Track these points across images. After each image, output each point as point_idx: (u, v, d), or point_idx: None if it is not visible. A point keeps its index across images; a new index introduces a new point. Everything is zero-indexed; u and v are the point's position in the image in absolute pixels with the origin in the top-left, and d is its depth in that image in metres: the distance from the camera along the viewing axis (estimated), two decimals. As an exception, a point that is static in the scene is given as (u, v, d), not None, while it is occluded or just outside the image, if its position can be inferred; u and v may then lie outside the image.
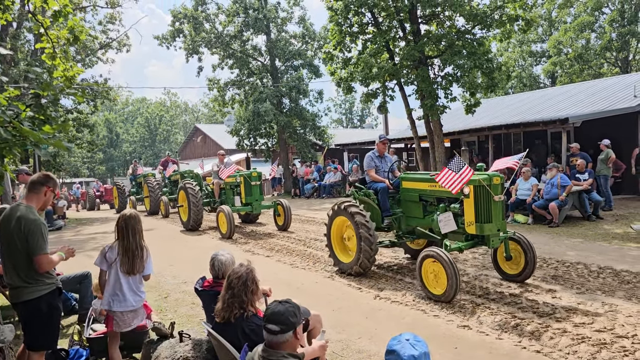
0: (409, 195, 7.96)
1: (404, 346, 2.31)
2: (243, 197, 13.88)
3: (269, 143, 30.34)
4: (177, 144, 70.99)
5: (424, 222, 7.79)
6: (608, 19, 38.60)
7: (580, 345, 4.91)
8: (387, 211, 8.11)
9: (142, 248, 4.68)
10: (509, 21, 16.32)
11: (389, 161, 8.85)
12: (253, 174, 13.83)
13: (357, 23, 17.90)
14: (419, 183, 7.77)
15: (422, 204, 7.80)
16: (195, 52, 28.86)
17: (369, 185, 8.55)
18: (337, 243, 8.48)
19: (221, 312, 3.67)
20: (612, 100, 17.88)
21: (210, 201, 15.55)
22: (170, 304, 7.22)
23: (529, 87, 43.48)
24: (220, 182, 15.10)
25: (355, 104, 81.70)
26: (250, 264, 3.91)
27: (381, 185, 8.21)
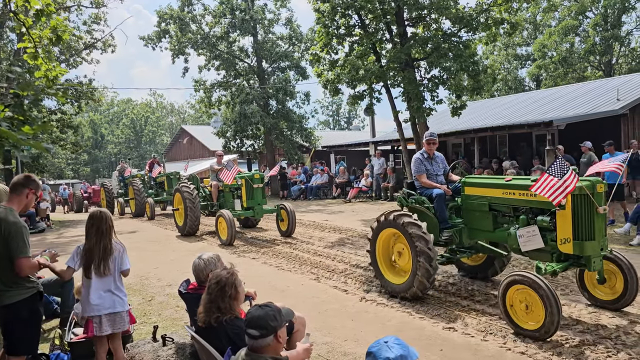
0: (475, 203, 6.59)
1: (381, 348, 2.30)
2: (244, 200, 12.98)
3: (255, 145, 30.23)
4: (163, 145, 70.50)
5: (493, 236, 6.53)
6: (592, 23, 39.11)
7: (564, 346, 4.93)
8: (445, 222, 6.80)
9: (105, 248, 4.44)
10: (495, 24, 16.47)
11: (441, 161, 7.55)
12: (255, 176, 13.01)
13: (343, 25, 17.91)
14: (489, 189, 6.39)
15: (492, 215, 6.44)
16: (181, 53, 28.69)
17: (421, 190, 7.31)
18: (384, 261, 7.08)
19: (202, 316, 3.63)
20: (596, 103, 18.10)
21: (207, 204, 14.57)
22: (154, 307, 7.14)
23: (515, 90, 43.86)
24: (218, 184, 14.08)
25: (342, 105, 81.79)
26: (233, 267, 3.87)
27: (437, 192, 6.91)
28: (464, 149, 22.44)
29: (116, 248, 4.53)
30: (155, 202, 19.21)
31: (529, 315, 5.18)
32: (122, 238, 4.74)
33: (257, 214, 12.98)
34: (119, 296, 4.49)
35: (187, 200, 13.31)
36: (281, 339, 2.88)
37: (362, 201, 20.56)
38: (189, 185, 13.81)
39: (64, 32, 8.29)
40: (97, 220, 4.48)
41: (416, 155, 7.41)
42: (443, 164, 7.49)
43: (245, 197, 12.95)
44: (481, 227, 6.61)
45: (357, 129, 62.10)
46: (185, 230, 13.57)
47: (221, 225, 12.08)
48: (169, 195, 19.34)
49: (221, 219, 12.03)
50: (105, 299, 4.42)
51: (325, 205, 20.06)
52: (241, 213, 13.04)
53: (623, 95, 17.35)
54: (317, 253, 10.47)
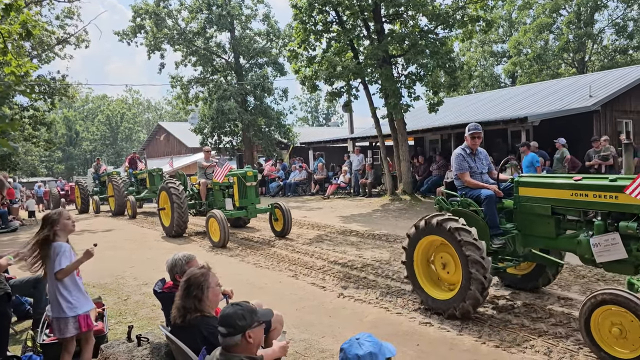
0: (533, 206, 5.68)
1: (352, 345, 2.32)
2: (237, 199, 12.11)
3: (233, 141, 30.05)
4: (139, 142, 69.63)
5: (555, 244, 5.64)
6: (565, 20, 39.77)
7: (537, 340, 5.02)
8: (496, 227, 5.93)
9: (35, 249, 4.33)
10: (471, 21, 16.65)
11: (485, 158, 6.65)
12: (248, 174, 12.13)
13: (321, 21, 17.90)
14: (553, 190, 5.50)
15: (554, 219, 5.54)
16: (157, 49, 28.36)
17: (465, 191, 6.37)
18: (423, 272, 6.14)
19: (177, 315, 3.62)
20: (569, 100, 18.41)
21: (195, 203, 13.73)
22: (130, 306, 7.05)
23: (491, 86, 44.38)
24: (207, 182, 13.28)
25: (320, 102, 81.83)
26: (209, 266, 3.85)
27: (487, 193, 6.00)
28: (441, 145, 22.63)
29: (54, 250, 4.32)
30: (136, 200, 18.75)
31: (622, 341, 4.28)
32: (96, 237, 4.68)
33: (251, 213, 12.19)
34: (66, 300, 4.34)
35: (174, 198, 12.54)
36: (251, 340, 2.86)
37: (341, 197, 20.60)
38: (175, 182, 13.09)
39: (34, 27, 8.10)
40: (43, 221, 4.43)
41: (457, 151, 6.52)
42: (487, 161, 6.64)
43: (237, 195, 12.11)
44: (540, 234, 5.70)
45: (336, 125, 62.15)
46: (173, 231, 12.79)
47: (212, 226, 11.31)
48: (151, 193, 18.98)
49: (212, 220, 11.25)
50: (53, 303, 4.36)
51: (304, 201, 20.04)
52: (234, 213, 12.13)
53: (595, 92, 17.68)
54: (295, 250, 10.46)
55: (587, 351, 4.63)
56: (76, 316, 4.37)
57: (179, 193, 12.63)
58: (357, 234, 11.99)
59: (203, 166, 13.53)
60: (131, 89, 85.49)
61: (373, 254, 9.50)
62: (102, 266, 9.53)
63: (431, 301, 5.98)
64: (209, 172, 13.25)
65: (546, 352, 4.74)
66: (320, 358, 4.90)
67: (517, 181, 5.87)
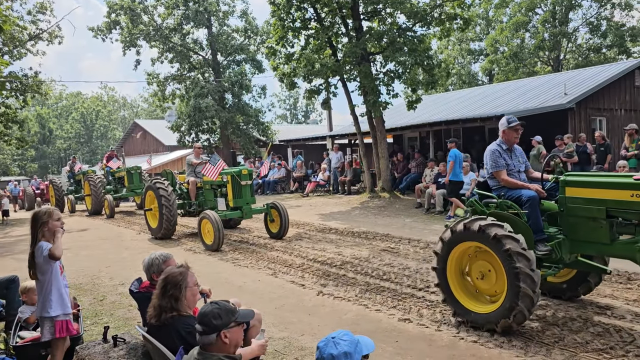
0: (585, 209, 5.13)
1: (327, 344, 2.29)
2: (231, 199, 11.35)
3: (211, 139, 29.81)
4: (115, 140, 68.61)
5: (610, 250, 5.14)
6: (541, 19, 40.34)
7: (516, 334, 5.06)
8: (541, 232, 5.29)
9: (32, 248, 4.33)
10: (448, 19, 16.76)
11: (521, 155, 5.98)
12: (243, 172, 11.33)
13: (299, 18, 17.83)
14: (609, 191, 4.96)
15: (609, 223, 5.00)
16: (132, 45, 27.98)
17: (504, 192, 5.68)
18: (458, 282, 5.56)
19: (154, 314, 3.56)
20: (545, 97, 18.67)
21: (184, 203, 12.92)
22: (106, 307, 6.93)
23: (468, 84, 44.81)
24: (197, 180, 12.59)
25: (299, 99, 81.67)
26: (188, 264, 3.79)
27: (529, 194, 5.36)
28: (420, 142, 22.75)
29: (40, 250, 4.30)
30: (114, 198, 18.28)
31: None
32: (72, 237, 4.58)
33: (246, 214, 11.41)
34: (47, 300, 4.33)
35: (162, 199, 11.71)
36: (227, 339, 2.82)
37: (320, 195, 20.58)
38: (163, 181, 12.33)
39: (5, 22, 7.89)
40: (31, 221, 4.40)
41: (492, 147, 5.87)
42: (523, 158, 5.98)
43: (231, 195, 11.33)
44: (591, 239, 5.16)
45: (315, 123, 62.21)
46: (161, 232, 12.00)
47: (205, 227, 10.60)
48: (129, 191, 18.66)
49: (206, 221, 10.54)
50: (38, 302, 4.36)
51: (283, 199, 19.97)
52: (228, 214, 11.33)
53: (570, 90, 17.96)
54: (274, 248, 10.42)
55: None
56: (52, 319, 4.31)
57: (168, 193, 11.87)
58: (336, 231, 11.99)
59: (193, 163, 12.78)
60: (106, 86, 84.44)
61: (352, 252, 9.51)
62: (77, 266, 9.36)
63: (466, 313, 5.36)
64: (199, 170, 12.50)
65: (523, 347, 4.79)
66: (300, 356, 4.88)
67: (564, 181, 5.30)
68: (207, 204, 12.28)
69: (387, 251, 9.45)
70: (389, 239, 10.64)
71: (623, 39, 38.37)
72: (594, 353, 4.58)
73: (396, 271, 7.83)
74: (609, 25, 39.25)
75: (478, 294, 5.52)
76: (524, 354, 4.65)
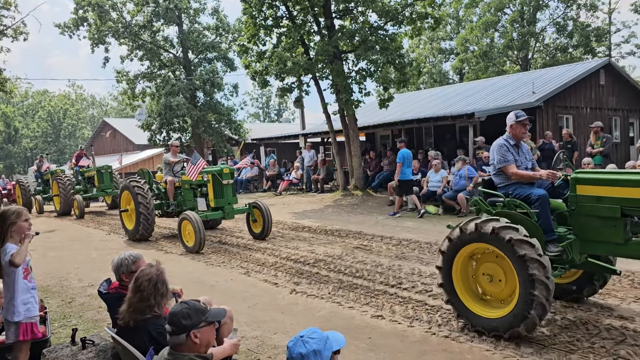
0: (597, 207, 4.89)
1: (296, 343, 2.29)
2: (211, 199, 10.86)
3: (182, 138, 29.46)
4: (84, 139, 67.24)
5: (626, 251, 4.85)
6: (509, 19, 41.07)
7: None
8: (551, 232, 5.05)
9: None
10: (419, 18, 16.92)
11: (527, 152, 5.78)
12: (225, 171, 10.88)
13: (271, 16, 17.76)
14: (625, 188, 4.71)
15: (623, 222, 4.77)
16: (101, 42, 27.45)
17: (512, 190, 5.42)
18: (463, 285, 5.26)
19: (126, 315, 3.48)
20: (514, 96, 19.01)
21: (161, 204, 12.37)
22: (74, 309, 6.78)
23: (439, 82, 45.32)
24: (174, 180, 12.06)
25: (272, 98, 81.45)
26: (160, 264, 3.74)
27: (539, 192, 5.14)
28: (392, 140, 22.91)
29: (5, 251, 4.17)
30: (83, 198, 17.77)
31: None
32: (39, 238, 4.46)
33: (228, 214, 10.94)
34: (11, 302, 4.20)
35: (139, 199, 11.26)
36: (197, 339, 2.79)
37: (293, 194, 20.56)
38: (139, 181, 11.82)
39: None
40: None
41: (499, 142, 5.64)
42: (530, 155, 5.80)
43: (212, 195, 10.86)
44: (604, 239, 4.93)
45: (288, 121, 62.12)
46: (138, 234, 11.54)
47: (186, 229, 10.19)
48: (99, 191, 18.24)
49: (186, 223, 10.11)
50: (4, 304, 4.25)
51: (256, 198, 19.81)
52: (209, 215, 10.87)
53: (538, 89, 18.34)
54: (247, 247, 10.36)
55: (532, 338, 4.75)
56: (17, 322, 4.19)
57: (145, 193, 11.41)
58: (309, 229, 11.98)
59: (170, 162, 12.23)
60: (74, 84, 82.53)
61: (325, 250, 9.52)
62: (45, 268, 9.14)
63: (471, 317, 5.11)
64: (177, 169, 12.17)
65: (493, 341, 4.86)
66: (273, 354, 4.86)
67: (575, 178, 5.04)
68: (186, 204, 11.89)
69: (360, 249, 9.49)
70: (361, 236, 10.69)
71: (588, 39, 39.38)
72: (561, 345, 4.68)
73: (369, 268, 7.87)
74: (575, 26, 40.22)
75: (484, 296, 5.24)
76: (494, 347, 4.72)
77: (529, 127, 5.73)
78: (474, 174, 12.79)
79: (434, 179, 13.49)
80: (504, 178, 5.51)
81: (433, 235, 10.26)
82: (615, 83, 20.68)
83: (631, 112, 21.19)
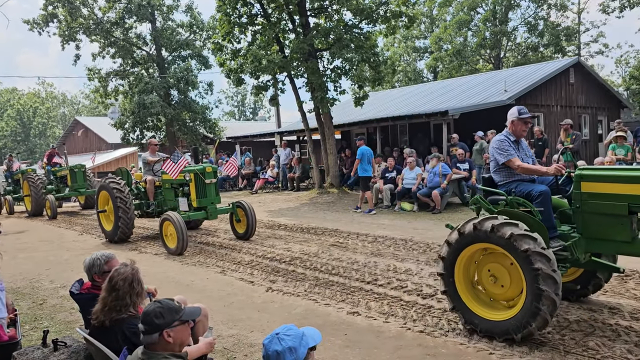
0: (603, 205, 4.77)
1: (272, 341, 2.29)
2: (194, 199, 10.49)
3: (157, 136, 29.11)
4: (54, 138, 65.90)
5: (634, 249, 4.71)
6: (482, 18, 41.65)
7: (459, 323, 5.22)
8: (553, 229, 4.97)
9: None
10: (394, 17, 17.05)
11: (527, 149, 5.65)
12: (207, 169, 10.52)
13: (245, 14, 17.68)
14: (629, 185, 4.60)
15: (629, 220, 4.66)
16: (71, 39, 26.93)
17: (514, 187, 5.28)
18: (467, 287, 5.08)
19: (100, 315, 3.45)
20: (486, 94, 19.31)
21: (141, 204, 11.89)
22: (46, 310, 6.65)
23: (414, 81, 45.71)
24: (154, 179, 11.66)
25: (247, 96, 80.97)
26: (134, 263, 3.71)
27: (540, 188, 5.03)
28: (367, 138, 23.06)
29: None
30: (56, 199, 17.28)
31: None
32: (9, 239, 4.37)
33: (212, 215, 10.54)
34: None
35: (117, 200, 10.79)
36: (170, 339, 2.76)
37: (269, 192, 20.51)
38: (118, 180, 11.35)
39: None
40: None
41: (499, 137, 5.47)
42: (530, 153, 5.66)
43: (195, 195, 10.47)
44: (609, 237, 4.80)
45: (263, 119, 61.88)
46: (117, 236, 11.09)
47: (168, 230, 9.80)
48: (73, 191, 17.80)
49: (168, 224, 9.72)
50: None
51: (232, 197, 19.75)
52: (192, 215, 10.46)
53: (510, 87, 18.67)
54: (223, 246, 10.30)
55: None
56: None
57: (124, 192, 10.96)
58: (285, 227, 11.98)
59: (149, 161, 11.83)
60: (44, 82, 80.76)
61: (301, 247, 9.53)
62: (15, 270, 8.95)
63: (479, 321, 4.88)
64: (157, 168, 11.69)
65: (467, 335, 4.94)
66: (249, 352, 4.85)
67: (579, 175, 4.90)
68: (167, 204, 11.51)
69: (336, 246, 9.53)
70: (337, 234, 10.73)
71: (559, 39, 40.22)
72: (534, 340, 4.78)
73: (345, 265, 7.91)
74: (546, 25, 41.01)
75: (490, 299, 5.04)
76: (468, 341, 4.80)
77: (529, 125, 5.59)
78: (448, 171, 12.96)
79: (409, 176, 13.61)
80: (505, 175, 5.37)
81: (408, 232, 10.36)
82: (585, 82, 21.18)
83: (599, 110, 21.74)
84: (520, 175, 5.29)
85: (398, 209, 13.50)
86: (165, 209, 11.38)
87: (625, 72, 46.07)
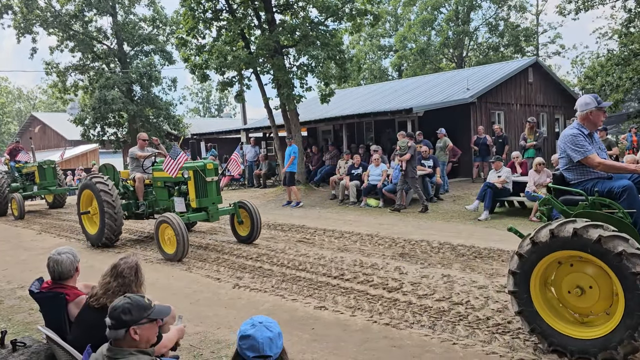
0: None
1: (259, 329, 2.27)
2: (193, 199, 9.33)
3: (119, 133, 28.52)
4: (10, 134, 63.71)
5: None
6: (445, 18, 42.38)
7: (423, 315, 5.33)
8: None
9: None
10: (359, 15, 17.17)
11: (599, 142, 4.89)
12: (208, 166, 9.39)
13: (210, 9, 17.48)
14: None
15: None
16: (28, 32, 26.06)
17: (591, 185, 4.58)
18: (543, 298, 4.34)
19: (102, 297, 3.43)
20: (450, 92, 19.66)
21: (129, 204, 10.68)
22: (3, 311, 6.45)
23: (379, 79, 46.12)
24: (143, 177, 10.56)
25: (212, 92, 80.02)
26: (135, 255, 3.71)
27: (622, 184, 4.36)
28: (334, 135, 23.15)
29: None
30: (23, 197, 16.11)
31: None
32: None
33: (213, 216, 9.40)
34: None
35: (104, 200, 9.64)
36: (137, 336, 2.69)
37: (234, 189, 20.37)
38: (103, 178, 10.12)
39: None
40: None
41: (571, 131, 4.70)
42: (603, 146, 4.95)
43: (194, 194, 9.32)
44: None
45: (229, 116, 61.30)
46: (102, 239, 9.92)
47: (165, 234, 8.76)
48: (42, 189, 16.65)
49: (165, 226, 8.65)
50: None
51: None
52: (191, 216, 9.31)
53: (472, 85, 19.04)
54: (188, 243, 10.16)
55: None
56: None
57: (111, 193, 9.79)
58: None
59: (138, 157, 10.72)
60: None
61: (268, 244, 9.52)
62: (-31, 270, 8.63)
63: (566, 341, 4.13)
64: (148, 165, 10.68)
65: (431, 326, 5.05)
66: (216, 349, 4.83)
67: None
68: (159, 205, 10.47)
69: (303, 242, 9.56)
70: (304, 230, 10.75)
71: (518, 39, 41.30)
72: (493, 327, 4.91)
73: (312, 261, 7.94)
74: (506, 26, 42.04)
75: (574, 312, 4.34)
76: (432, 332, 4.91)
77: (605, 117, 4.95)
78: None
79: (374, 173, 13.74)
80: (580, 173, 4.68)
81: (374, 228, 10.48)
82: (543, 81, 21.79)
83: (557, 109, 22.41)
84: (598, 173, 4.59)
85: (364, 205, 13.63)
86: (157, 209, 10.49)
87: (581, 72, 47.62)
